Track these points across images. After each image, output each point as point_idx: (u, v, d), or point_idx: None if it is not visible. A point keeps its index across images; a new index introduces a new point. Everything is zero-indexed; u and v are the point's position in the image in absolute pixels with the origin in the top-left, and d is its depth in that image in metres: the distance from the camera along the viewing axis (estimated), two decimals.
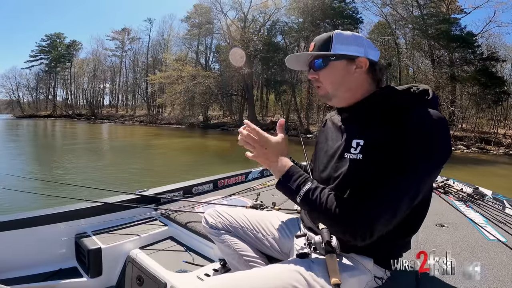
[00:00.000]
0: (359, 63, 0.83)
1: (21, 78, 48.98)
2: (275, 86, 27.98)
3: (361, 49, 0.83)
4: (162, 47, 39.37)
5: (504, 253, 1.33)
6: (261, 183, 2.47)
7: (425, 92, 0.81)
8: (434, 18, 20.75)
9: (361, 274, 0.83)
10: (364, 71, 0.84)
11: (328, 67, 0.85)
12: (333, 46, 0.83)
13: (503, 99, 20.00)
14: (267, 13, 27.67)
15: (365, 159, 0.78)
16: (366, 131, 0.81)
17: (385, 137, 0.75)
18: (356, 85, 0.85)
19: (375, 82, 0.87)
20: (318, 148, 1.02)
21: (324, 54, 0.84)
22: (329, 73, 0.85)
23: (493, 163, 13.51)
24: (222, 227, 1.13)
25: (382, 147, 0.75)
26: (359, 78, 0.85)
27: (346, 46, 0.83)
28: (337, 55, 0.83)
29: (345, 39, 0.84)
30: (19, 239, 1.38)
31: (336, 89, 0.86)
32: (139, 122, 34.95)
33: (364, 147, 0.79)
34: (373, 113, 0.83)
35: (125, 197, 1.78)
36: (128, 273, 1.46)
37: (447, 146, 0.73)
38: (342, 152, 0.84)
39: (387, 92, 0.85)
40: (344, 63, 0.84)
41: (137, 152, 11.95)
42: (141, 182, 6.40)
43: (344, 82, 0.84)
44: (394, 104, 0.79)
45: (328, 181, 0.88)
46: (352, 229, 0.71)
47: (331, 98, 0.88)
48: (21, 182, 4.42)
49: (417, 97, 0.81)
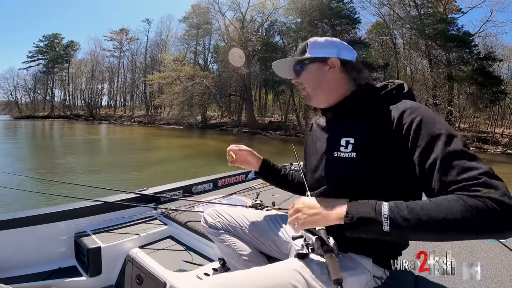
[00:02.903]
0: (331, 63, 0.89)
1: (19, 79, 48.68)
2: (273, 86, 27.99)
3: (333, 50, 0.89)
4: (160, 47, 39.28)
5: (503, 254, 1.34)
6: (261, 182, 2.47)
7: (401, 87, 0.86)
8: (431, 18, 20.83)
9: (361, 274, 0.83)
10: (337, 70, 0.89)
11: (305, 70, 0.92)
12: (308, 51, 0.91)
13: (500, 98, 20.09)
14: (265, 13, 27.66)
15: (360, 157, 0.80)
16: (354, 128, 0.84)
17: (375, 132, 0.78)
18: (334, 85, 0.90)
19: (353, 81, 0.91)
20: (307, 153, 1.05)
21: (298, 59, 0.92)
22: (306, 75, 0.92)
23: (491, 162, 13.56)
24: (221, 227, 1.14)
25: (373, 143, 0.78)
26: (334, 77, 0.89)
27: (318, 50, 0.90)
28: (310, 58, 0.90)
29: (317, 44, 0.91)
30: (18, 238, 1.38)
31: (314, 89, 0.92)
32: (138, 122, 34.83)
33: (356, 145, 0.81)
34: (356, 110, 0.87)
35: (124, 196, 1.78)
36: (127, 272, 1.46)
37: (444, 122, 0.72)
38: (332, 152, 0.86)
39: (366, 89, 0.89)
40: (318, 64, 0.90)
41: (136, 152, 11.92)
42: (140, 181, 6.39)
43: (321, 82, 0.90)
44: (374, 100, 0.85)
45: (321, 181, 0.90)
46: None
47: (312, 99, 0.94)
48: (20, 181, 4.42)
49: (395, 90, 0.85)
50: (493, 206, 0.54)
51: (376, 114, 0.80)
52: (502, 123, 23.33)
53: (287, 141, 19.07)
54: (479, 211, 0.54)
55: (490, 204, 0.54)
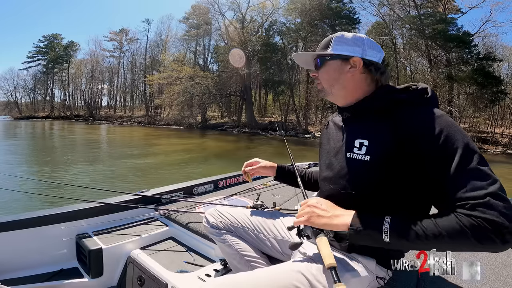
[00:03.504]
0: (353, 63, 0.85)
1: (19, 79, 48.86)
2: (273, 87, 28.01)
3: (358, 49, 0.86)
4: (160, 48, 39.35)
5: (504, 253, 1.34)
6: (262, 183, 2.47)
7: (424, 91, 0.82)
8: (431, 18, 20.83)
9: (364, 274, 0.83)
10: (358, 71, 0.86)
11: (325, 66, 0.90)
12: (332, 46, 0.88)
13: (500, 98, 20.09)
14: (265, 13, 27.70)
15: (374, 161, 0.78)
16: (369, 130, 0.82)
17: (391, 136, 0.76)
18: (352, 85, 0.87)
19: (374, 82, 0.88)
20: (321, 150, 1.03)
21: (319, 54, 0.90)
22: (325, 71, 0.90)
23: (491, 162, 13.46)
24: (223, 227, 1.14)
25: (388, 147, 0.76)
26: (354, 77, 0.86)
27: (343, 47, 0.87)
28: (332, 54, 0.87)
29: (343, 40, 0.87)
30: (20, 240, 1.38)
31: (331, 86, 0.90)
32: (138, 123, 34.85)
33: (370, 148, 0.79)
34: (373, 112, 0.83)
35: (125, 197, 1.78)
36: (129, 274, 1.47)
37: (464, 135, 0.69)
38: (345, 152, 0.85)
39: (385, 91, 0.85)
40: (339, 62, 0.87)
41: (136, 152, 11.92)
42: (140, 182, 6.40)
43: (338, 80, 0.88)
44: (393, 102, 0.80)
45: (332, 180, 0.89)
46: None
47: (327, 95, 0.93)
48: (22, 183, 4.42)
49: (417, 95, 0.81)
50: (484, 226, 0.58)
51: (394, 117, 0.77)
52: (502, 123, 23.33)
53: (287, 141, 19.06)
54: (473, 232, 0.59)
55: (483, 224, 0.58)
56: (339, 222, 0.75)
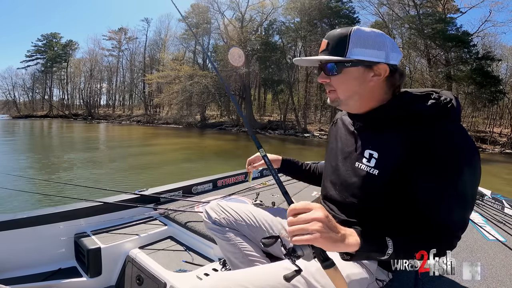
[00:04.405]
0: (378, 71, 0.74)
1: (17, 78, 48.57)
2: (272, 86, 28.02)
3: (382, 53, 0.73)
4: (159, 46, 39.21)
5: (503, 253, 1.35)
6: (261, 182, 2.47)
7: (449, 103, 0.71)
8: (430, 18, 20.86)
9: (363, 276, 0.82)
10: (382, 79, 0.75)
11: (342, 74, 0.75)
12: (350, 49, 0.73)
13: (498, 98, 20.16)
14: (264, 12, 27.66)
15: (382, 175, 0.74)
16: (382, 142, 0.76)
17: (403, 151, 0.70)
18: (371, 94, 0.77)
19: (392, 88, 0.78)
20: (328, 148, 0.99)
21: (338, 60, 0.74)
22: (343, 80, 0.76)
23: (489, 161, 13.61)
24: (226, 224, 1.09)
25: (399, 163, 0.71)
26: (375, 86, 0.76)
27: (365, 50, 0.73)
28: (354, 60, 0.73)
29: (364, 40, 0.73)
30: (18, 239, 1.38)
31: (349, 97, 0.78)
32: (136, 122, 34.79)
33: (380, 161, 0.75)
34: (388, 122, 0.76)
35: (124, 196, 1.77)
36: (127, 273, 1.46)
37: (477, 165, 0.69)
38: (354, 161, 0.81)
39: (404, 100, 0.76)
40: (361, 70, 0.74)
41: (135, 151, 11.90)
42: (138, 180, 6.39)
43: (359, 91, 0.76)
44: (413, 114, 0.72)
45: (338, 187, 0.87)
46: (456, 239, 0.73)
47: (340, 105, 0.81)
48: (19, 182, 4.41)
49: (439, 107, 0.71)
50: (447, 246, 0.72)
51: (410, 129, 0.70)
52: (500, 123, 23.39)
53: (286, 140, 19.09)
54: (441, 250, 0.71)
55: (448, 243, 0.72)
56: (348, 246, 0.62)
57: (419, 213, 0.72)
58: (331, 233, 0.60)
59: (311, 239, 0.58)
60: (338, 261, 0.83)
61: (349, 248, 0.62)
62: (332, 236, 0.60)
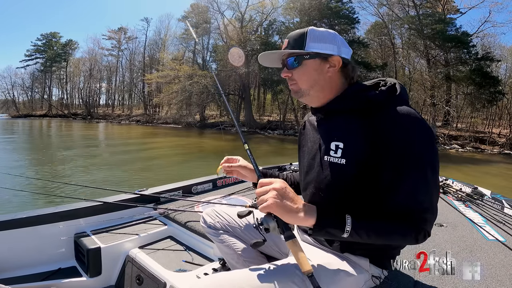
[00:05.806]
0: (332, 62, 0.82)
1: (16, 78, 48.54)
2: (271, 86, 27.93)
3: (334, 47, 0.82)
4: (159, 46, 39.18)
5: (503, 253, 1.35)
6: None
7: (393, 88, 0.79)
8: (430, 18, 20.85)
9: (359, 274, 0.83)
10: (337, 70, 0.83)
11: (302, 66, 0.83)
12: (307, 44, 0.82)
13: (497, 98, 20.13)
14: (264, 12, 27.64)
15: (349, 164, 0.77)
16: (344, 132, 0.80)
17: (363, 138, 0.75)
18: (329, 84, 0.84)
19: (347, 80, 0.86)
20: (301, 152, 1.01)
21: (298, 52, 0.82)
22: (303, 71, 0.84)
23: (488, 162, 13.63)
24: (220, 227, 1.13)
25: (362, 150, 0.75)
26: (332, 77, 0.83)
27: (320, 44, 0.81)
28: (311, 53, 0.81)
29: (319, 36, 0.82)
30: (18, 239, 1.38)
31: (310, 87, 0.84)
32: (136, 121, 34.71)
33: (345, 151, 0.78)
34: (345, 111, 0.82)
35: (124, 196, 1.78)
36: (127, 273, 1.47)
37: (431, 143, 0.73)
38: (322, 155, 0.84)
39: (354, 89, 0.83)
40: (318, 61, 0.82)
41: (134, 151, 11.88)
42: (137, 180, 6.38)
43: (318, 81, 0.83)
44: (366, 101, 0.78)
45: (311, 184, 0.88)
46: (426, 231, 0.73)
47: (303, 96, 0.87)
48: (19, 182, 4.40)
49: (387, 93, 0.78)
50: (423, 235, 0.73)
51: (365, 117, 0.77)
52: (499, 123, 23.37)
53: (285, 140, 19.09)
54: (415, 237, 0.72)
55: (415, 227, 0.72)
56: (305, 218, 0.70)
57: (384, 197, 0.74)
58: (285, 202, 0.69)
59: (267, 206, 0.69)
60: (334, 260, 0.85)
61: (307, 222, 0.70)
62: (287, 205, 0.69)
